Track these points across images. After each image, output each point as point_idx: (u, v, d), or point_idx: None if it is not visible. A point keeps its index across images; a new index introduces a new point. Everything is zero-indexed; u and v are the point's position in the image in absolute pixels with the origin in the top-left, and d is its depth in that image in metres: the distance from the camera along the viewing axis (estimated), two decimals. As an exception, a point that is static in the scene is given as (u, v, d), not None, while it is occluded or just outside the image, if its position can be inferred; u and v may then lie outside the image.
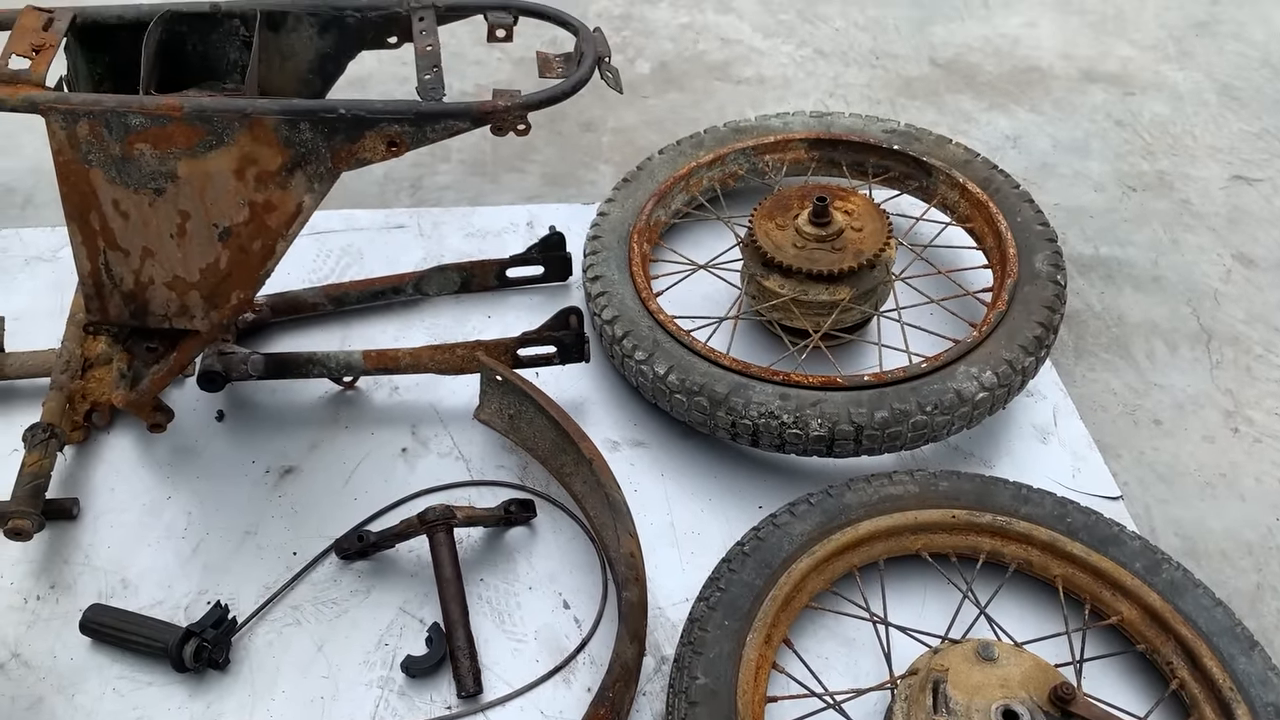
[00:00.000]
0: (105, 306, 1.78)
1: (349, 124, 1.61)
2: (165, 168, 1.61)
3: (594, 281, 2.23)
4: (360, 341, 2.26)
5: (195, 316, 1.81)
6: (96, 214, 1.65)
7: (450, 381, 2.18)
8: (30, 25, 1.63)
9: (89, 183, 1.62)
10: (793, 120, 2.63)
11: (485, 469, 2.05)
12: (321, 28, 1.84)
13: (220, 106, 1.57)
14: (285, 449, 2.05)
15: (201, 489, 1.98)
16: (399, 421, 2.12)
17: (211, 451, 2.04)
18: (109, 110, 1.55)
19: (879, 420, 1.93)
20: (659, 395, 2.07)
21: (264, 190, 1.66)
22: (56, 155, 1.58)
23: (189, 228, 1.68)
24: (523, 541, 1.94)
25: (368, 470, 2.03)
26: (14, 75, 1.54)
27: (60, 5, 1.79)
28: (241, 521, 1.93)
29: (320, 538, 1.91)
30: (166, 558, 1.87)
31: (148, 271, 1.73)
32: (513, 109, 1.66)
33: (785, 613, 1.74)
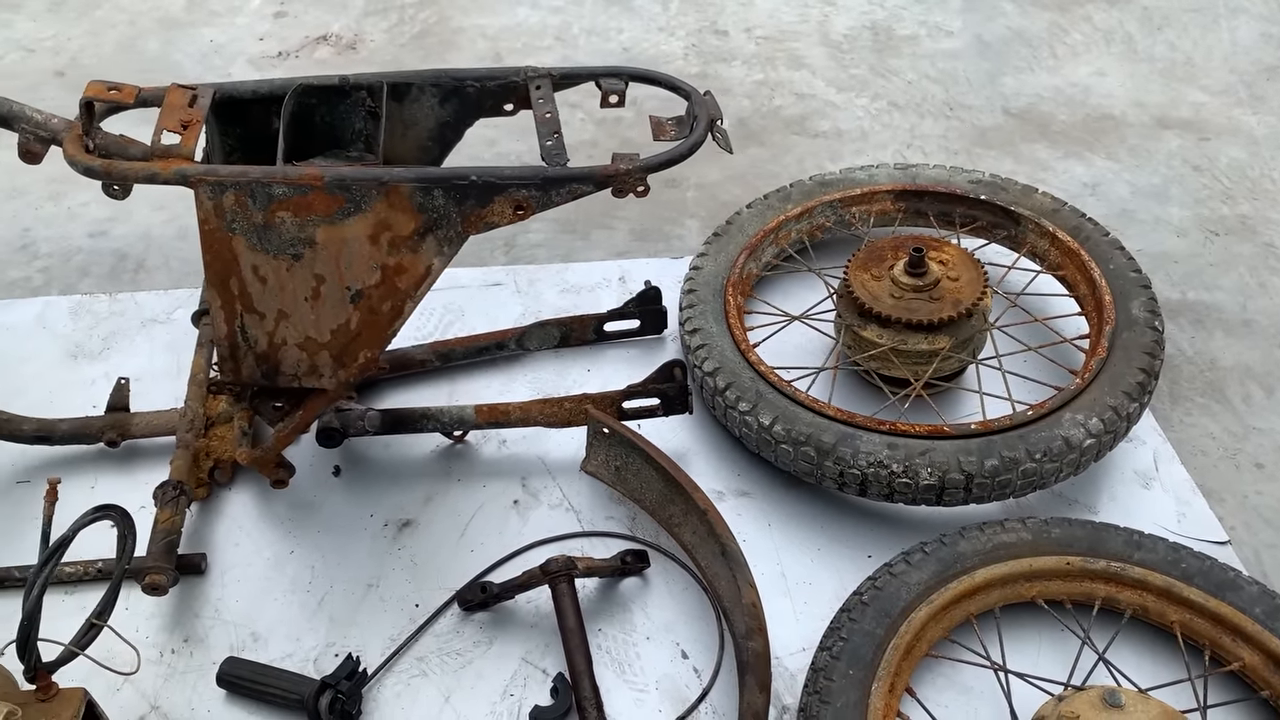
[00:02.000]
0: (239, 367, 1.84)
1: (480, 190, 1.68)
2: (304, 234, 1.68)
3: (693, 334, 2.28)
4: (466, 396, 2.32)
5: (324, 375, 1.87)
6: (236, 279, 1.72)
7: (556, 434, 2.23)
8: (177, 102, 1.72)
9: (231, 250, 1.69)
10: (877, 173, 2.67)
11: (595, 520, 2.09)
12: (443, 98, 1.91)
13: (359, 176, 1.64)
14: (401, 502, 2.11)
15: (323, 543, 2.03)
16: (509, 474, 2.17)
17: (330, 506, 2.10)
18: (254, 181, 1.62)
19: (989, 469, 1.95)
20: (763, 446, 2.10)
21: (396, 254, 1.73)
22: (202, 224, 1.66)
23: (323, 291, 1.75)
24: (636, 592, 1.97)
25: (481, 522, 2.08)
26: (166, 150, 1.62)
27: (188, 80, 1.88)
28: (363, 574, 1.98)
29: (441, 589, 1.96)
30: (293, 611, 1.93)
31: (281, 333, 1.80)
32: (634, 172, 1.72)
33: (907, 661, 1.76)
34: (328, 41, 3.49)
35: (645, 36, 3.57)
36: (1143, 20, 3.73)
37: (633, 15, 3.68)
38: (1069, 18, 3.76)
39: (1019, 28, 3.70)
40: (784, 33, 3.62)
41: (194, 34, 3.51)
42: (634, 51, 3.50)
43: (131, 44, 3.45)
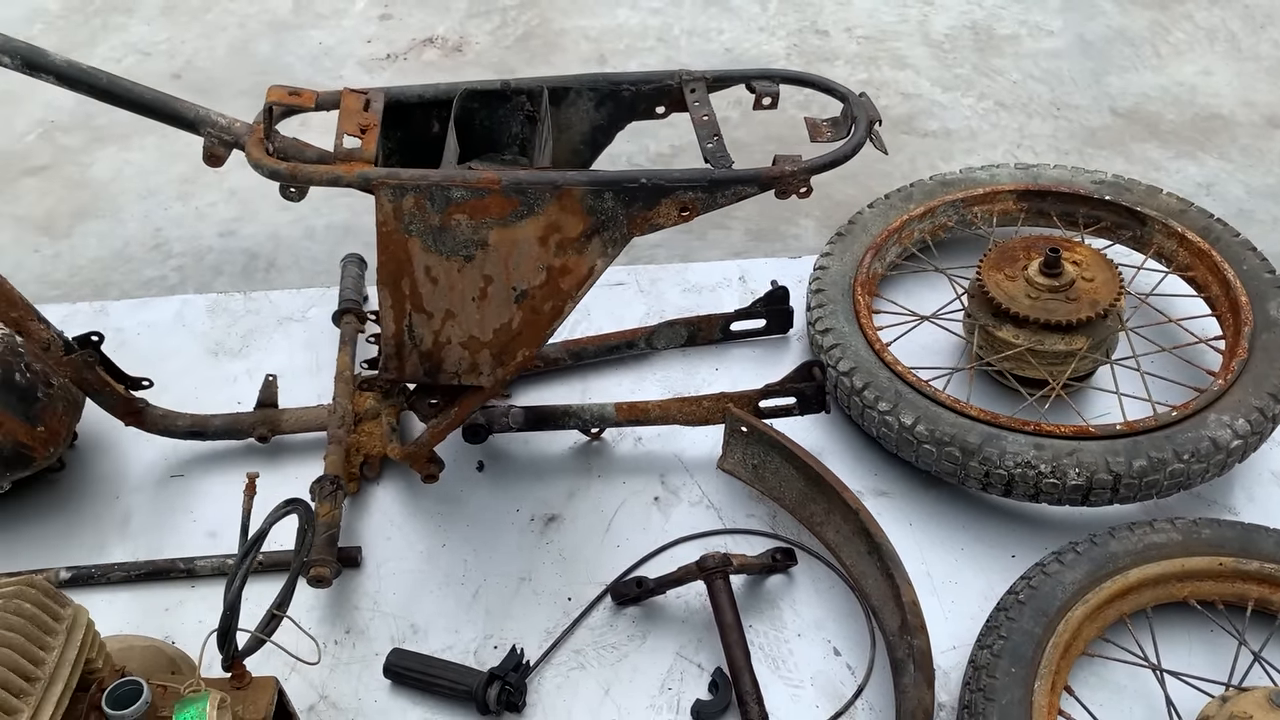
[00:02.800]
0: (403, 365, 1.89)
1: (648, 192, 1.71)
2: (478, 236, 1.72)
3: (825, 334, 2.30)
4: (599, 394, 2.36)
5: (483, 373, 1.91)
6: (409, 279, 1.77)
7: (690, 432, 2.26)
8: (353, 106, 1.76)
9: (406, 251, 1.73)
10: (999, 172, 2.68)
11: (736, 517, 2.11)
12: (598, 101, 1.95)
13: (534, 179, 1.68)
14: (545, 497, 2.15)
15: (473, 536, 2.08)
16: (647, 471, 2.20)
17: (477, 501, 2.14)
18: (434, 184, 1.66)
19: (1137, 469, 1.96)
20: (903, 446, 2.12)
21: (562, 255, 1.76)
22: (381, 226, 1.70)
23: (490, 291, 1.79)
24: (783, 589, 2.00)
25: (625, 518, 2.11)
26: (349, 154, 1.67)
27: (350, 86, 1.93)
28: (515, 568, 2.02)
29: (591, 584, 1.99)
30: (449, 603, 1.97)
31: (447, 332, 1.84)
32: (799, 173, 1.75)
33: (1065, 660, 1.77)
34: (434, 44, 3.54)
35: (746, 36, 3.59)
36: (1245, 19, 3.70)
37: (732, 16, 3.70)
38: (1170, 16, 3.74)
39: (1120, 26, 3.68)
40: (884, 32, 3.63)
41: (303, 36, 3.57)
42: (736, 52, 3.52)
43: (244, 46, 3.52)
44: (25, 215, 2.83)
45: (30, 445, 1.99)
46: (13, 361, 2.01)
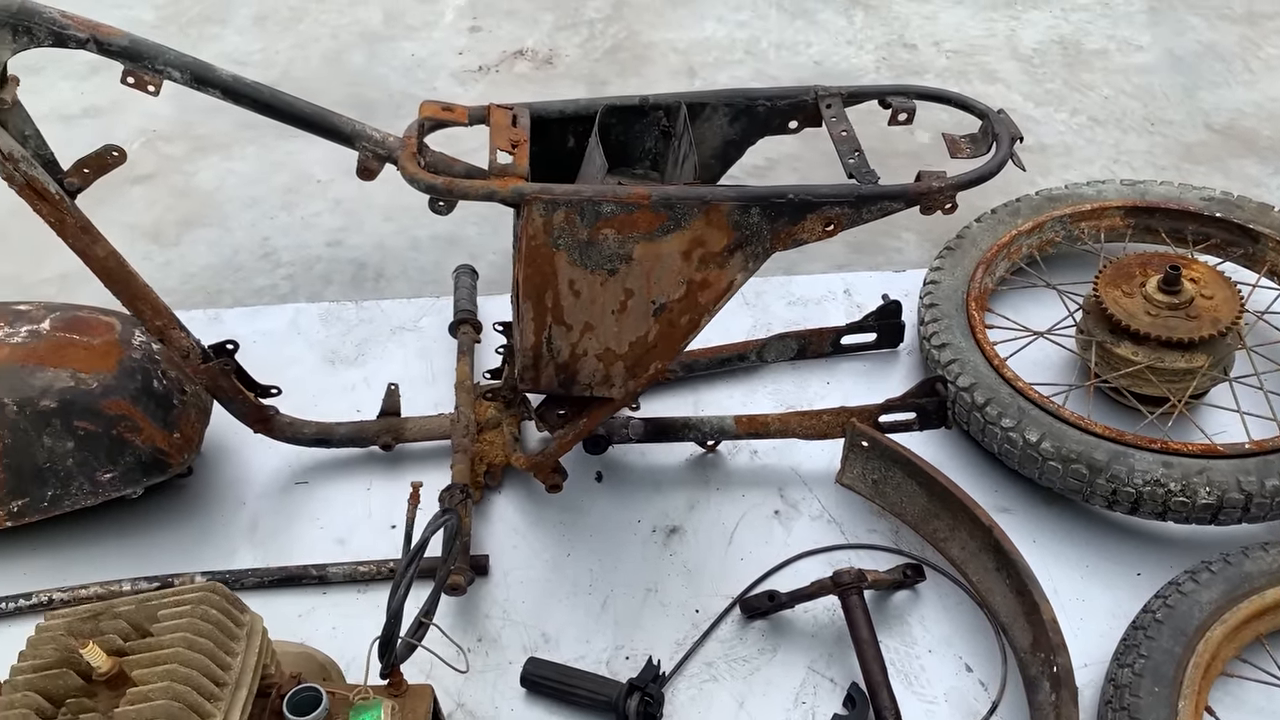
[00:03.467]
0: (539, 376, 1.91)
1: (795, 208, 1.73)
2: (624, 250, 1.73)
3: (941, 349, 2.30)
4: (711, 406, 2.37)
5: (615, 385, 1.93)
6: (552, 292, 1.79)
7: (807, 445, 2.26)
8: (502, 122, 1.79)
9: (552, 264, 1.75)
10: (1105, 188, 2.67)
11: (857, 532, 2.12)
12: (733, 117, 1.96)
13: (683, 195, 1.70)
14: (665, 509, 2.16)
15: (597, 547, 2.09)
16: (765, 484, 2.21)
17: (597, 511, 2.16)
18: (586, 199, 1.68)
19: (1270, 488, 1.95)
20: (1026, 462, 2.11)
21: (704, 269, 1.78)
22: (530, 240, 1.72)
23: (630, 304, 1.81)
24: (910, 605, 2.00)
25: (746, 531, 2.12)
26: (503, 169, 1.69)
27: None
28: (641, 579, 2.04)
29: (717, 596, 2.00)
30: (578, 613, 1.99)
31: (584, 344, 1.86)
32: (945, 190, 1.76)
33: (1205, 680, 1.77)
34: (524, 56, 3.57)
35: (835, 50, 3.60)
36: (1338, 33, 3.67)
37: (818, 29, 3.71)
38: (1259, 31, 3.71)
39: (1209, 41, 3.66)
40: (972, 46, 3.63)
41: (395, 48, 3.61)
42: (825, 65, 3.53)
43: (337, 57, 3.57)
44: (134, 223, 2.88)
45: (167, 451, 2.02)
46: (151, 369, 2.05)
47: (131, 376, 2.00)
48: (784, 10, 3.81)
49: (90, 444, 1.95)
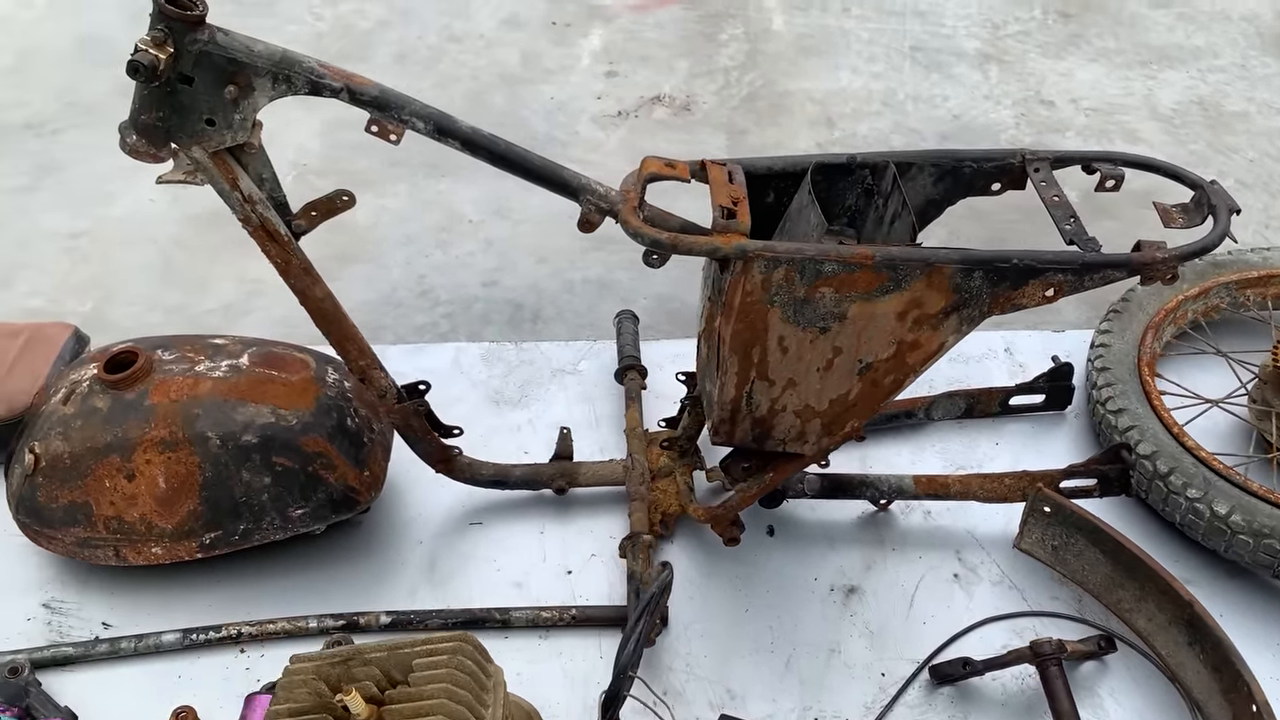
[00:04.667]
0: (734, 430, 1.91)
1: (1018, 273, 1.72)
2: (839, 309, 1.73)
3: (1118, 414, 2.27)
4: (879, 463, 2.35)
5: (809, 442, 1.92)
6: (759, 348, 1.79)
7: (981, 508, 2.24)
8: (720, 178, 1.80)
9: (765, 321, 1.75)
10: (1271, 255, 2.63)
11: (1040, 599, 2.09)
12: (938, 177, 1.96)
13: (907, 256, 1.69)
14: (842, 567, 2.14)
15: (775, 603, 2.08)
16: (941, 546, 2.18)
17: (771, 566, 2.14)
18: (808, 258, 1.68)
19: None
20: (1212, 534, 2.07)
21: (916, 331, 1.77)
22: (745, 296, 1.72)
23: (836, 363, 1.80)
24: (1098, 677, 1.96)
25: (926, 594, 2.10)
26: (726, 225, 1.70)
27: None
28: (822, 639, 2.02)
29: (902, 660, 1.98)
30: (762, 670, 1.97)
31: (784, 400, 1.86)
32: (1169, 260, 1.74)
33: None
34: (662, 102, 3.60)
35: (973, 104, 3.59)
36: None
37: (954, 83, 3.71)
38: (1405, 95, 3.66)
39: (1354, 105, 3.61)
40: (1110, 105, 3.61)
41: (535, 90, 3.66)
42: (965, 119, 3.52)
43: (478, 98, 3.62)
44: (293, 257, 2.93)
45: (357, 489, 2.04)
46: (345, 406, 2.07)
47: (328, 414, 2.03)
48: (918, 63, 3.81)
49: (286, 480, 1.97)
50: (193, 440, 1.93)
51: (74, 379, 2.04)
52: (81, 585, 2.08)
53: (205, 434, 1.93)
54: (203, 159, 1.63)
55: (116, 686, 1.93)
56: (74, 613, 2.04)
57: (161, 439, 1.93)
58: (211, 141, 1.62)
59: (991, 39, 3.96)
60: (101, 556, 2.00)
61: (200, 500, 1.95)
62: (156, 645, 1.97)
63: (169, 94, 1.56)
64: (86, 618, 2.03)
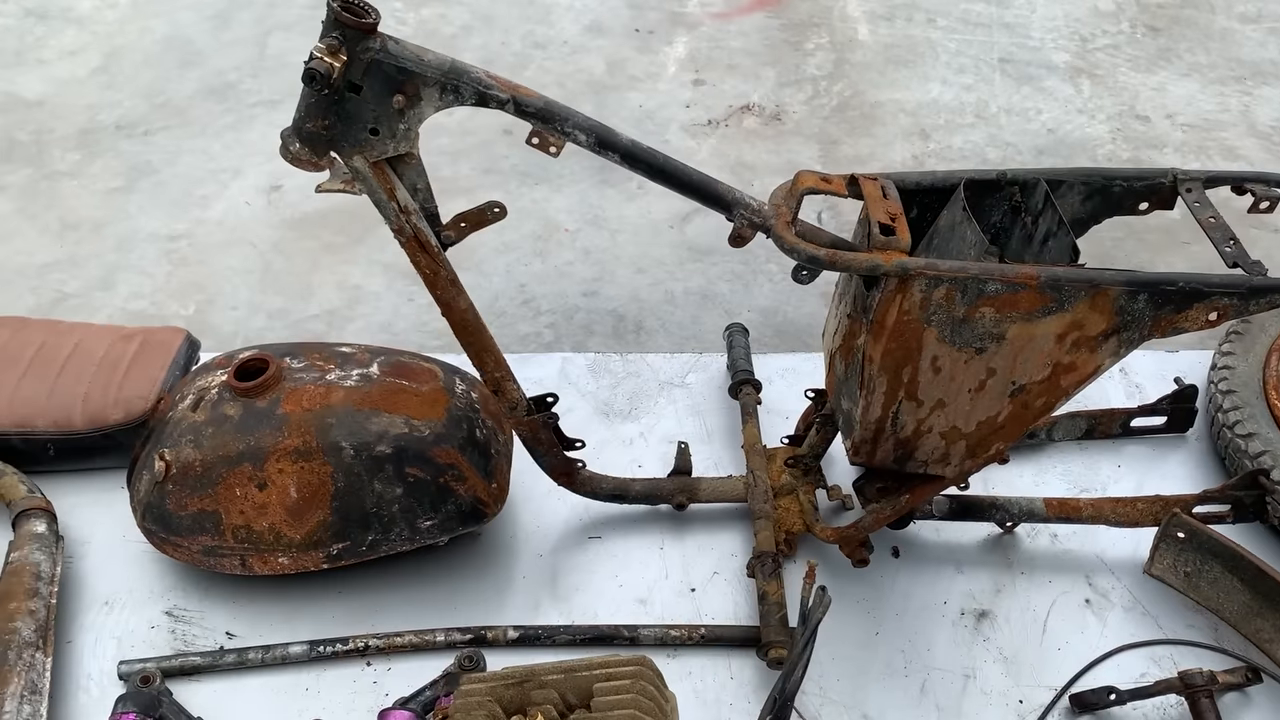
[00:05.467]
0: (875, 450, 1.87)
1: (1183, 296, 1.67)
2: (998, 330, 1.69)
3: (1248, 439, 2.21)
4: (999, 484, 2.30)
5: (951, 464, 1.89)
6: (911, 368, 1.75)
7: (1109, 532, 2.19)
8: (875, 194, 1.76)
9: (919, 340, 1.72)
10: (1396, 278, 2.57)
11: (1175, 627, 2.04)
12: (1087, 195, 1.92)
13: (1072, 277, 1.65)
14: (971, 591, 2.10)
15: (904, 626, 2.04)
16: (1070, 570, 2.14)
17: (898, 589, 2.11)
18: (971, 277, 1.65)
19: None
20: (1355, 565, 2.02)
21: (1074, 353, 1.73)
22: (902, 314, 1.69)
23: (989, 384, 1.77)
24: (1239, 708, 1.91)
25: (1058, 619, 2.05)
26: (885, 243, 1.67)
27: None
28: (955, 664, 1.98)
29: (1040, 687, 1.94)
30: (897, 695, 1.93)
31: (930, 422, 1.82)
32: (1343, 289, 1.69)
33: None
34: (751, 111, 3.58)
35: (1066, 118, 3.55)
36: None
37: (1046, 96, 3.67)
38: None
39: None
40: (1207, 121, 3.56)
41: (622, 98, 3.64)
42: (1059, 133, 3.48)
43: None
44: (392, 264, 2.92)
45: (485, 501, 2.02)
46: (474, 418, 2.05)
47: (458, 425, 2.01)
48: (1008, 76, 3.77)
49: (417, 491, 1.95)
50: (326, 450, 1.92)
51: (201, 385, 2.03)
52: (204, 594, 2.07)
53: (339, 444, 1.92)
54: (363, 168, 1.62)
55: (244, 697, 1.92)
56: (197, 621, 2.03)
57: (295, 448, 1.91)
58: (374, 151, 1.61)
59: (1081, 52, 3.91)
60: (227, 566, 1.98)
61: (331, 511, 1.93)
62: (284, 656, 1.95)
63: (336, 102, 1.55)
64: (210, 627, 2.02)
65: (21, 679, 1.80)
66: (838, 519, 2.23)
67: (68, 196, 3.13)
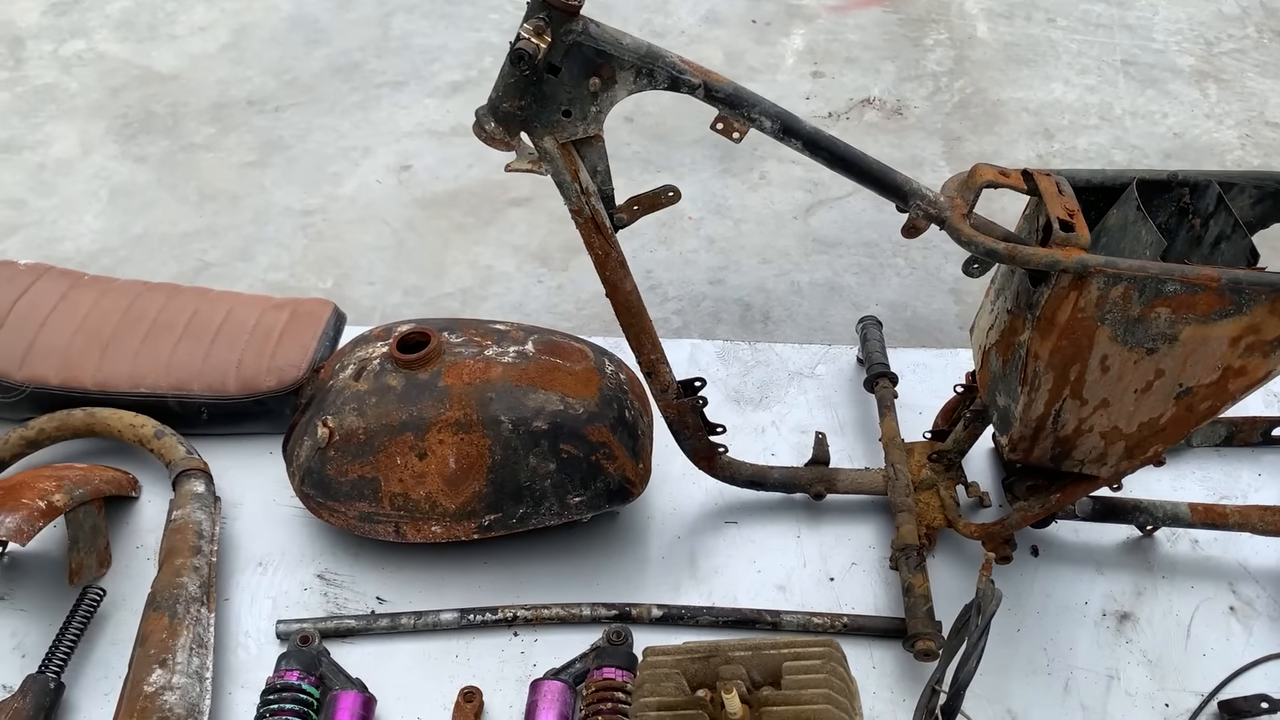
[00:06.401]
0: (1033, 448, 1.87)
1: (1369, 301, 1.65)
2: (1171, 331, 1.68)
3: (1400, 454, 2.18)
4: (1138, 488, 2.28)
5: (1106, 464, 1.88)
6: (1079, 366, 1.75)
7: (1251, 539, 2.17)
8: (1051, 189, 1.76)
9: (1090, 339, 1.71)
10: None
11: (1325, 640, 2.02)
12: (1258, 199, 1.89)
13: (1254, 280, 1.64)
14: (1111, 593, 2.09)
15: (1045, 625, 2.04)
16: (1213, 577, 2.12)
17: (1038, 588, 2.10)
18: (1150, 276, 1.64)
19: None
20: None
21: (1246, 357, 1.71)
22: (1076, 311, 1.68)
23: (1156, 385, 1.76)
24: (1388, 725, 1.89)
25: (1202, 625, 2.04)
26: (1065, 239, 1.66)
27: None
28: (1099, 664, 1.97)
29: (1186, 692, 1.93)
30: (1039, 692, 1.93)
31: (1091, 421, 1.82)
32: None
33: None
34: (872, 105, 3.57)
35: (1193, 123, 3.50)
36: None
37: (1171, 99, 3.62)
38: None
39: None
40: (1341, 129, 3.50)
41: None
42: (1186, 138, 3.43)
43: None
44: (521, 245, 2.96)
45: (632, 481, 2.05)
46: (623, 398, 2.08)
47: (610, 405, 2.04)
48: (1131, 78, 3.73)
49: (570, 467, 1.99)
50: (486, 423, 1.95)
51: (361, 356, 2.08)
52: (354, 559, 2.12)
53: (498, 418, 1.95)
54: (552, 149, 1.65)
55: (396, 661, 1.96)
56: (348, 585, 2.08)
57: (456, 420, 1.95)
58: (564, 132, 1.64)
59: (1206, 56, 3.85)
60: (381, 532, 2.03)
61: (486, 482, 1.98)
62: (435, 623, 2.00)
63: (534, 83, 1.58)
64: (360, 591, 2.07)
65: (190, 632, 1.86)
66: (973, 516, 2.23)
67: (204, 169, 3.21)
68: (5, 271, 2.41)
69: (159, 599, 1.89)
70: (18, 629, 1.99)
